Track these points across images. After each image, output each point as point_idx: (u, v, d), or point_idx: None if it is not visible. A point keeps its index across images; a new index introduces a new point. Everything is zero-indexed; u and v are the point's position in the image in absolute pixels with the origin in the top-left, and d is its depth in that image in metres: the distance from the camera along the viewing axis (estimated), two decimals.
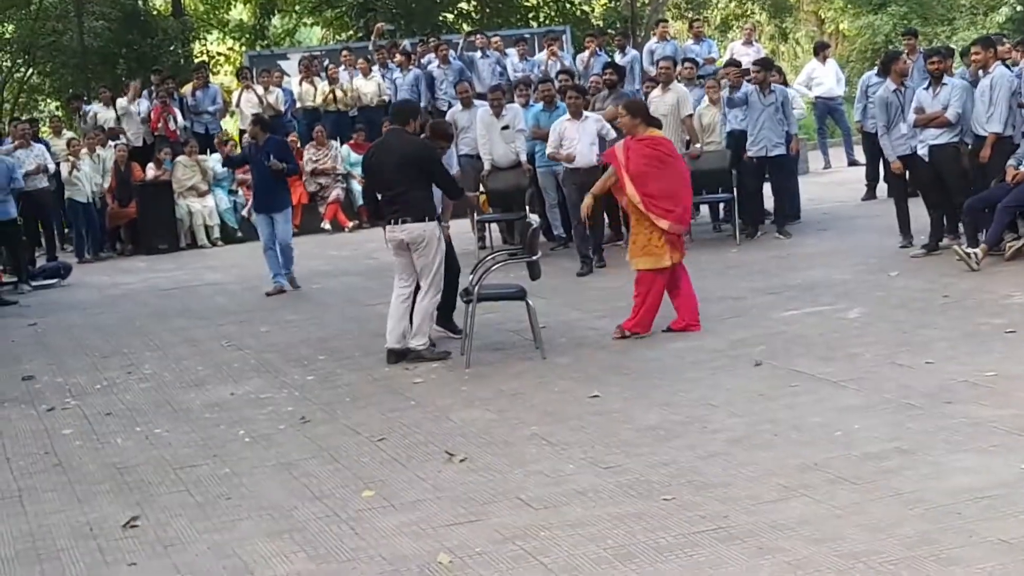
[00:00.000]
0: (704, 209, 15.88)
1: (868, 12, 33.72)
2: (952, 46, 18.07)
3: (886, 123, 13.00)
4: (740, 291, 11.63)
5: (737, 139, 14.66)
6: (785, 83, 16.69)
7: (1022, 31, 29.09)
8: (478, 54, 20.22)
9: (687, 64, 16.56)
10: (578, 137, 13.47)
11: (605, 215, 14.56)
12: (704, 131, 15.04)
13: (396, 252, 9.98)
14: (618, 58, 19.19)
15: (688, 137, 14.95)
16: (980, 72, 12.42)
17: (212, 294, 14.82)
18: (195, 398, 9.48)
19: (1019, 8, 31.81)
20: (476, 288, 9.83)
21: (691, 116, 14.84)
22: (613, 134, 13.74)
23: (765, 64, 15.15)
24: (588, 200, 10.99)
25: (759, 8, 36.78)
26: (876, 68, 14.86)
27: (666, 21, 22.29)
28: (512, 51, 20.80)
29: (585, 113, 13.73)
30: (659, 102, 14.79)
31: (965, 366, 8.19)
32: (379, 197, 10.14)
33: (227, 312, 13.41)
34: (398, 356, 9.96)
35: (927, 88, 12.37)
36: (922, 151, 12.35)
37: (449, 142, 10.99)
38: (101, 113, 20.21)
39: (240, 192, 19.63)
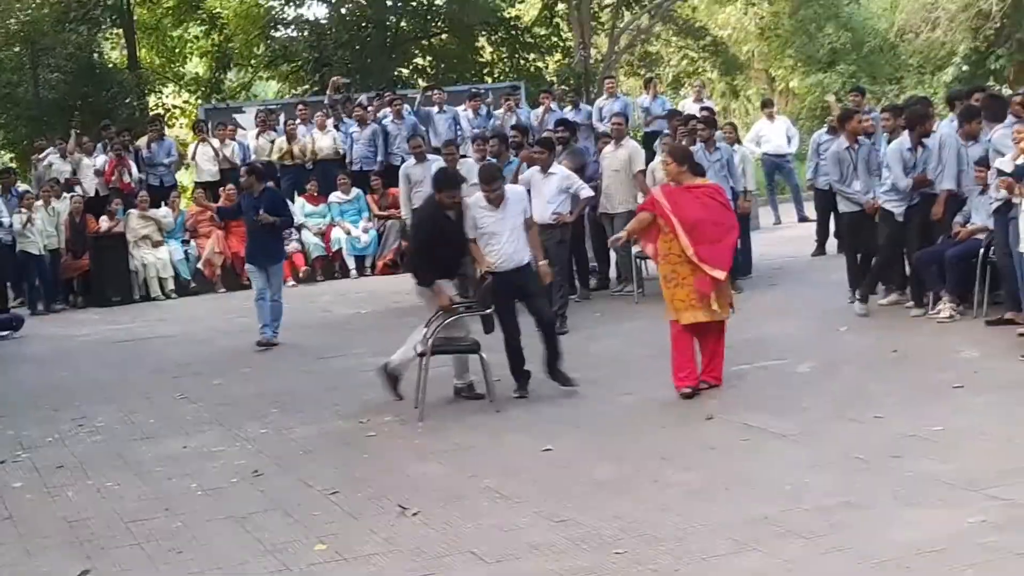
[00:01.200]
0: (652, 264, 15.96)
1: (817, 70, 34.20)
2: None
3: (839, 179, 13.13)
4: None
5: None
6: (737, 140, 16.88)
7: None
8: (435, 109, 20.33)
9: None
10: (540, 192, 13.11)
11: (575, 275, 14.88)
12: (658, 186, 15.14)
13: None
14: (571, 114, 19.32)
15: (640, 192, 15.02)
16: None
17: (165, 346, 14.74)
18: (147, 451, 9.44)
19: (965, 68, 32.35)
20: (429, 341, 9.87)
21: (643, 172, 14.90)
22: (586, 192, 13.65)
23: (710, 122, 15.31)
24: (622, 234, 10.79)
25: (710, 66, 37.16)
26: (826, 126, 15.03)
27: (613, 78, 22.46)
28: (469, 106, 20.87)
29: (553, 168, 13.47)
30: (612, 158, 14.92)
31: (914, 421, 8.29)
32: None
33: (180, 364, 13.32)
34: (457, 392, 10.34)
35: (910, 150, 12.32)
36: (899, 210, 12.39)
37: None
38: (56, 165, 20.13)
39: (193, 244, 19.60)
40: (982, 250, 11.70)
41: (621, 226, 14.53)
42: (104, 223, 19.13)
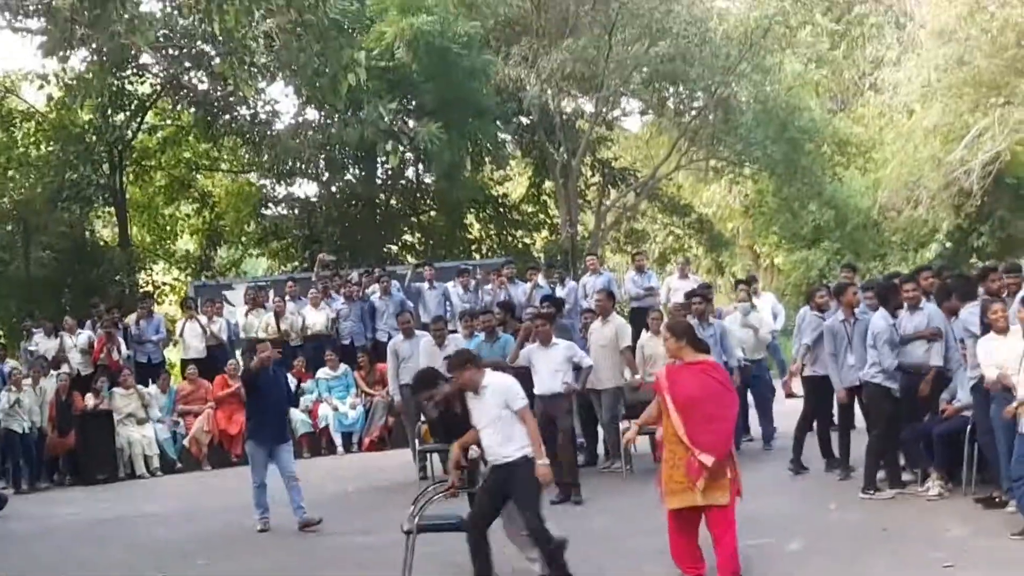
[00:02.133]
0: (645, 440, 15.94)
1: (802, 247, 34.63)
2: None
3: (833, 352, 13.17)
4: None
5: None
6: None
7: (951, 267, 29.97)
8: (425, 285, 20.50)
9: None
10: (543, 364, 13.51)
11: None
12: (646, 362, 15.19)
13: None
14: (558, 290, 19.49)
15: (628, 368, 15.10)
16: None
17: (150, 525, 14.60)
18: None
19: (948, 245, 32.79)
20: (416, 519, 9.78)
21: (630, 348, 15.02)
22: (589, 361, 13.95)
23: (705, 296, 15.47)
24: (631, 434, 10.37)
25: (696, 242, 37.66)
26: (808, 303, 15.13)
27: (595, 255, 22.61)
28: (456, 282, 20.98)
29: (555, 340, 13.79)
30: (598, 333, 15.02)
31: None
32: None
33: (166, 544, 13.20)
34: None
35: (892, 325, 12.36)
36: (896, 385, 12.28)
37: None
38: (42, 343, 20.21)
39: (181, 422, 19.54)
40: (969, 427, 11.73)
41: (608, 401, 14.71)
42: (90, 400, 19.09)
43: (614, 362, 14.83)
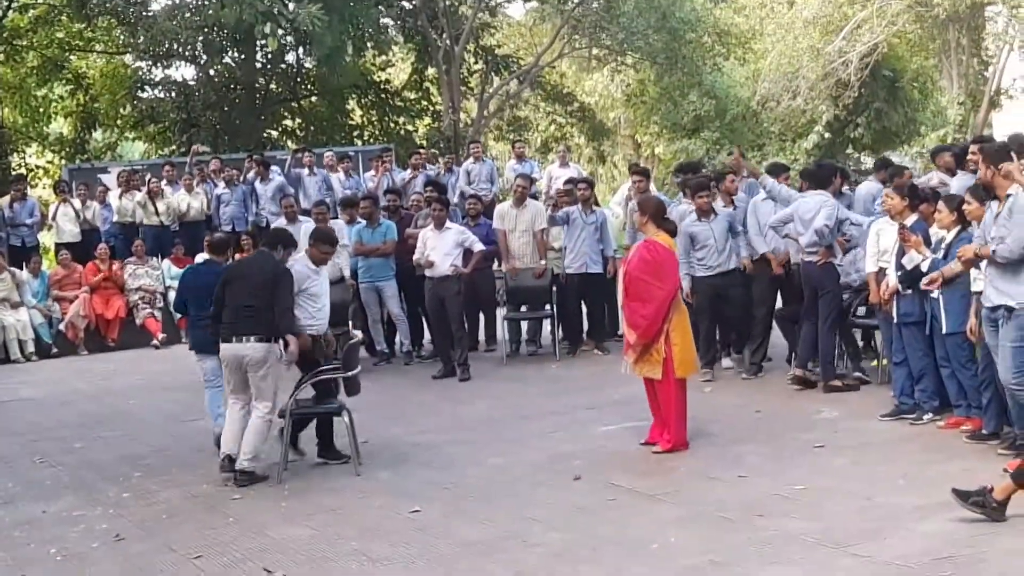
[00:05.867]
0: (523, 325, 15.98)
1: (682, 136, 34.85)
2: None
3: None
4: (560, 406, 11.77)
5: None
6: (597, 203, 16.98)
7: (828, 156, 30.44)
8: (305, 171, 20.22)
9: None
10: (437, 247, 13.96)
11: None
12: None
13: (232, 370, 9.73)
14: (445, 177, 19.44)
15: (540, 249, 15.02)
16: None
17: (25, 409, 14.37)
18: (4, 516, 9.19)
19: (826, 135, 33.22)
20: (291, 404, 9.76)
21: (544, 230, 14.99)
22: (479, 246, 14.25)
23: (591, 183, 15.48)
24: None
25: (578, 131, 37.70)
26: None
27: (479, 142, 22.44)
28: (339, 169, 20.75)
29: (448, 224, 14.24)
30: (517, 219, 14.92)
31: (776, 480, 8.42)
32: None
33: (41, 428, 13.01)
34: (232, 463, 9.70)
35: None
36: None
37: (334, 247, 10.80)
38: None
39: (57, 307, 19.16)
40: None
41: (526, 280, 14.82)
42: None
43: (533, 246, 14.94)
